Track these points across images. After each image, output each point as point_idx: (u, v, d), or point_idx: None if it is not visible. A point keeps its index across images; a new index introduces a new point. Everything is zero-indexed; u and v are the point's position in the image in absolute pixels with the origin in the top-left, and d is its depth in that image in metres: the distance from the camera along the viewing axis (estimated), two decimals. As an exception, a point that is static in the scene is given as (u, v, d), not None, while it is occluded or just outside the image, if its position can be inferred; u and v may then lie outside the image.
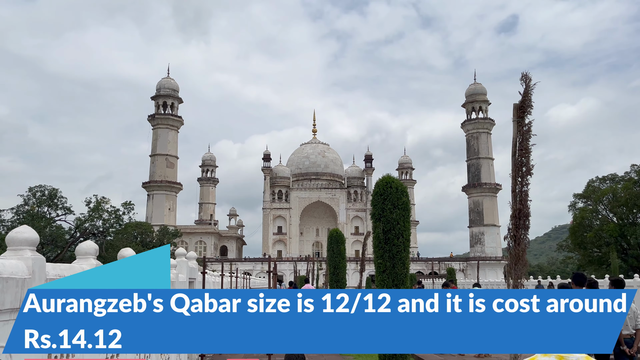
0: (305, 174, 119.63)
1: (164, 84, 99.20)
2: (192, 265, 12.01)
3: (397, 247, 10.31)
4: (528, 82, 7.84)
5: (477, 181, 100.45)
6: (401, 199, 10.44)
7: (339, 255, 21.29)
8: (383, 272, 10.42)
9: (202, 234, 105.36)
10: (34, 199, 51.83)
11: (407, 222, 10.46)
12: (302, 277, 38.42)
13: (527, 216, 7.81)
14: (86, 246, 6.86)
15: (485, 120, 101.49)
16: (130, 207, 55.53)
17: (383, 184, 10.61)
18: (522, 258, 7.81)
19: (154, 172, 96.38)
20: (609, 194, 58.76)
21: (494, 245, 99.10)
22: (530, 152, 7.74)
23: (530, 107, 7.76)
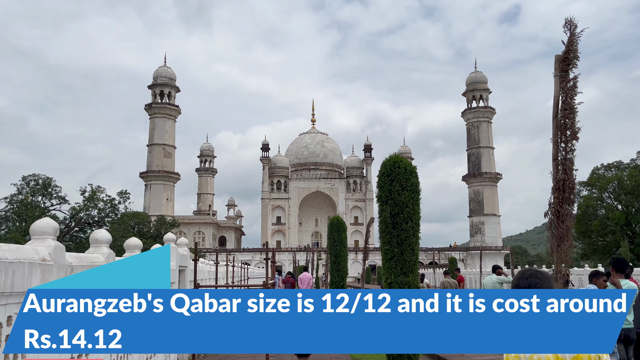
0: (304, 164, 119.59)
1: (160, 72, 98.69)
2: (183, 252, 11.60)
3: (406, 232, 9.62)
4: (573, 30, 6.79)
5: (478, 170, 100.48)
6: (410, 179, 9.72)
7: (340, 243, 20.61)
8: (391, 259, 9.73)
9: (201, 224, 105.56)
10: (28, 188, 51.38)
11: (416, 204, 9.77)
12: (300, 266, 38.51)
13: (572, 188, 6.74)
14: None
15: (486, 109, 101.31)
16: (125, 196, 55.21)
17: (390, 164, 9.83)
18: (567, 238, 6.67)
19: (152, 162, 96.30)
20: (614, 181, 57.85)
21: (494, 235, 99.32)
22: (577, 112, 6.67)
23: (576, 58, 6.72)
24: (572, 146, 6.70)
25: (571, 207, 6.68)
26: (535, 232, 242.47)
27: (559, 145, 6.75)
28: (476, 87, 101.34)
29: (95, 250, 6.61)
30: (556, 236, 6.65)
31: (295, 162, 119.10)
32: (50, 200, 52.64)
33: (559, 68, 6.78)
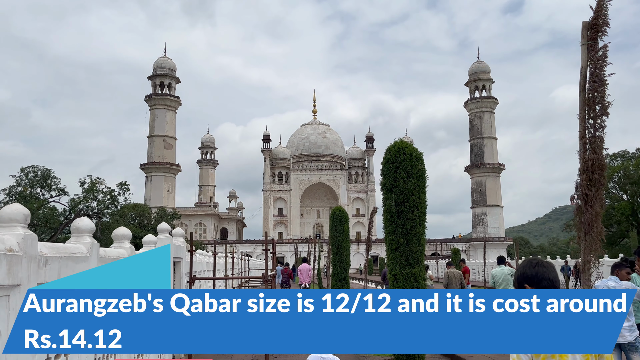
0: (305, 155, 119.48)
1: (160, 63, 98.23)
2: (178, 243, 11.22)
3: (412, 221, 9.21)
4: None
5: (480, 161, 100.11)
6: (416, 166, 9.34)
7: (342, 234, 20.39)
8: (395, 249, 9.39)
9: (202, 216, 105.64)
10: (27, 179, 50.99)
11: (422, 192, 9.40)
12: (301, 258, 38.62)
13: (602, 169, 6.02)
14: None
15: (489, 99, 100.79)
16: (125, 187, 54.77)
17: (395, 150, 9.46)
18: (597, 224, 6.00)
19: (152, 153, 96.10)
20: (619, 171, 56.75)
21: (497, 226, 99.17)
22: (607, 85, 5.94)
23: (606, 24, 5.97)
24: (602, 122, 6.02)
25: (600, 190, 6.02)
26: (537, 223, 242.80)
27: (586, 122, 6.08)
28: (479, 77, 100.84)
29: (77, 240, 6.05)
30: (584, 222, 6.02)
31: (297, 154, 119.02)
32: (49, 192, 52.19)
33: (587, 36, 6.07)
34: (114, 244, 8.06)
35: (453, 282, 15.82)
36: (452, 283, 15.78)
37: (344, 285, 20.21)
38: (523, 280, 3.03)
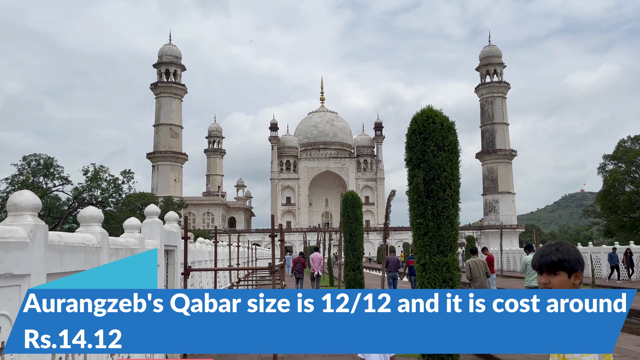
0: (313, 143, 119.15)
1: (165, 50, 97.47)
2: (171, 229, 9.93)
3: (444, 201, 8.01)
4: None
5: (492, 147, 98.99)
6: (448, 137, 8.08)
7: (355, 220, 19.28)
8: (424, 235, 8.15)
9: (210, 205, 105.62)
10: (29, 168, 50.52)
11: (455, 168, 8.15)
12: (312, 246, 38.57)
13: None
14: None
15: (501, 84, 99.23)
16: (129, 176, 54.04)
17: (423, 119, 8.14)
18: None
19: (158, 142, 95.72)
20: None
21: (509, 214, 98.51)
22: None
23: None
24: None
25: None
26: (546, 210, 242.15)
27: None
28: (490, 61, 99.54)
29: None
30: None
31: (305, 142, 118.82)
32: (52, 180, 51.57)
33: None
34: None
35: (476, 271, 14.09)
36: (476, 273, 14.07)
37: (358, 275, 19.00)
38: None
